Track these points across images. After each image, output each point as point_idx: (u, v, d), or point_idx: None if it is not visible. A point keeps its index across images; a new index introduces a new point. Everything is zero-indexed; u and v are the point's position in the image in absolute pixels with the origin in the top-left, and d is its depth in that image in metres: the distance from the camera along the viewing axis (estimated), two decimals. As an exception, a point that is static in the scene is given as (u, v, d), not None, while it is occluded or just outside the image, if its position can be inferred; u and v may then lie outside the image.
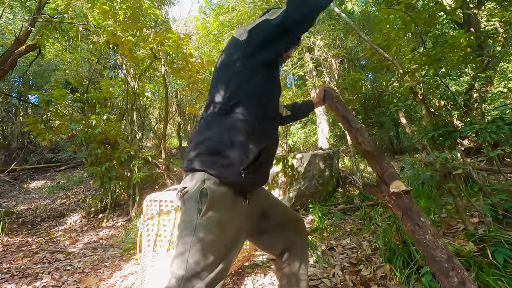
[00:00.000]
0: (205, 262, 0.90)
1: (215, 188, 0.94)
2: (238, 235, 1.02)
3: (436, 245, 0.89)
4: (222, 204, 0.95)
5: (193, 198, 0.93)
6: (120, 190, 4.67)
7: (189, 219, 0.93)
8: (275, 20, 1.01)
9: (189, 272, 0.88)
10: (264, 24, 1.04)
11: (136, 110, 5.96)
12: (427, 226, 0.93)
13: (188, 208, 0.94)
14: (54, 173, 8.31)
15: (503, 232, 1.64)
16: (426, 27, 3.36)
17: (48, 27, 5.85)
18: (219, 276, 0.93)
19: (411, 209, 0.99)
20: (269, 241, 1.22)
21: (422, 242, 0.91)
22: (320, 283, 1.84)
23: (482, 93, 4.60)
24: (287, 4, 0.99)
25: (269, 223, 1.19)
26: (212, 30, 8.29)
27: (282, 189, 3.86)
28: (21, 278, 2.47)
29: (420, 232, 0.93)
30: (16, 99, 9.59)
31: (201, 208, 0.92)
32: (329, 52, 6.83)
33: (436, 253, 0.87)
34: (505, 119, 2.62)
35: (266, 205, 1.20)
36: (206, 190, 0.92)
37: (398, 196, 1.02)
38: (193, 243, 0.90)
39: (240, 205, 1.00)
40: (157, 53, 4.56)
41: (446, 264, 0.84)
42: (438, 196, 2.33)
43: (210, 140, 0.98)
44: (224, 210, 0.95)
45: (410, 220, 0.97)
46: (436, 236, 0.91)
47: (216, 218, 0.93)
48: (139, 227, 1.86)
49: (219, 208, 0.94)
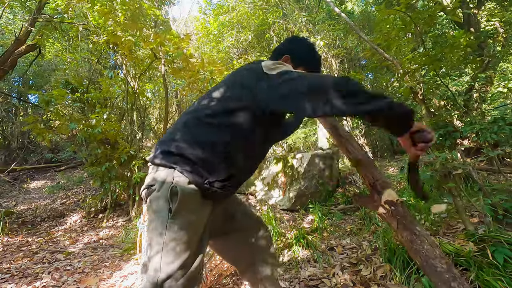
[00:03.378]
0: (179, 262, 0.87)
1: (185, 186, 0.90)
2: (207, 235, 1.00)
3: (435, 254, 0.86)
4: (192, 202, 0.91)
5: (163, 197, 0.89)
6: (120, 190, 4.67)
7: (159, 219, 0.89)
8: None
9: (164, 273, 0.85)
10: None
11: (136, 110, 5.96)
12: (424, 236, 0.91)
13: (157, 207, 0.90)
14: (54, 173, 8.31)
15: (503, 232, 1.64)
16: (426, 27, 3.36)
17: (48, 27, 5.85)
18: (194, 275, 0.91)
19: (406, 217, 0.95)
20: (233, 248, 1.18)
21: (421, 252, 0.88)
22: (320, 283, 1.84)
23: (482, 93, 4.60)
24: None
25: (233, 225, 1.16)
26: (212, 30, 8.29)
27: (282, 189, 3.86)
28: (21, 278, 2.47)
29: (417, 241, 0.90)
30: (16, 99, 9.59)
31: (171, 207, 0.88)
32: (329, 52, 6.83)
33: (436, 263, 0.84)
34: (506, 119, 2.62)
35: (233, 207, 1.17)
36: (176, 189, 0.88)
37: (392, 205, 0.98)
38: (165, 243, 0.87)
39: (208, 205, 0.97)
40: (157, 53, 4.56)
41: (447, 275, 0.81)
42: (438, 196, 2.33)
43: (188, 141, 0.94)
44: (194, 208, 0.92)
45: (407, 229, 0.94)
46: (434, 245, 0.89)
47: (186, 216, 0.90)
48: (139, 227, 1.86)
49: (189, 207, 0.91)
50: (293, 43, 1.17)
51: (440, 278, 0.82)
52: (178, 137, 0.96)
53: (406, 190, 3.17)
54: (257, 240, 1.19)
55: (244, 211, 1.22)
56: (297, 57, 1.12)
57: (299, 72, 0.93)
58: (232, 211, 1.16)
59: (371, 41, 3.94)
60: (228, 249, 1.21)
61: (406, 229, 0.94)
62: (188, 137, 0.95)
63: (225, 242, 1.18)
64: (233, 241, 1.17)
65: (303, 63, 1.11)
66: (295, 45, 1.16)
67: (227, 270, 1.96)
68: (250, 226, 1.20)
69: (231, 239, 1.17)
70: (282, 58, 1.13)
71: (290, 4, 7.35)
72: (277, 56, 1.15)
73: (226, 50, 8.55)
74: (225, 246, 1.21)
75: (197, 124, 0.97)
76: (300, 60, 1.12)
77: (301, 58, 1.12)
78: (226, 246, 1.20)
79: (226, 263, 1.94)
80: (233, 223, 1.16)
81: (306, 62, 1.12)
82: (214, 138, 0.93)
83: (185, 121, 1.00)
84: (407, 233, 0.94)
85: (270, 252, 1.22)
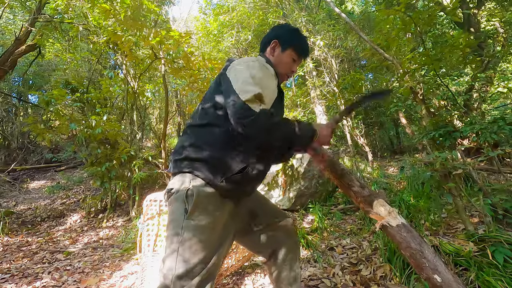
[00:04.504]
0: (194, 261, 0.90)
1: (201, 188, 0.95)
2: (226, 234, 1.02)
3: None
4: (208, 203, 0.95)
5: (180, 198, 0.94)
6: (120, 190, 4.67)
7: (176, 219, 0.94)
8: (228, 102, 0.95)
9: (179, 271, 0.89)
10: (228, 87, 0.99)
11: (136, 110, 5.96)
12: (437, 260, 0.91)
13: (175, 209, 0.95)
14: (54, 173, 8.31)
15: (503, 232, 1.64)
16: (426, 27, 3.36)
17: (48, 27, 5.85)
18: (209, 274, 0.93)
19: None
20: (258, 242, 1.21)
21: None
22: (320, 283, 1.84)
23: (482, 93, 4.60)
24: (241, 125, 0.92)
25: (257, 222, 1.19)
26: (212, 30, 8.29)
27: (282, 189, 3.86)
28: (21, 278, 2.47)
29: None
30: (16, 99, 9.59)
31: (187, 207, 0.92)
32: (329, 52, 6.83)
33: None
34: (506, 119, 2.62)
35: (255, 205, 1.20)
36: (192, 191, 0.93)
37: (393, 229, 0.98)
38: (181, 242, 0.90)
39: (227, 205, 1.01)
40: (158, 53, 4.56)
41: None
42: (438, 196, 2.33)
43: (200, 145, 0.99)
44: (210, 209, 0.95)
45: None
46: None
47: (202, 217, 0.93)
48: (139, 227, 1.86)
49: (205, 208, 0.94)
50: (278, 29, 1.24)
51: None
52: (187, 143, 1.02)
53: (406, 190, 3.17)
54: (280, 233, 1.23)
55: (267, 209, 1.25)
56: (283, 40, 1.17)
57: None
58: (255, 211, 1.19)
59: (371, 41, 3.94)
60: (253, 244, 1.25)
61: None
62: (194, 141, 1.01)
63: (251, 238, 1.22)
64: (258, 237, 1.21)
65: (290, 45, 1.17)
66: (280, 31, 1.22)
67: (227, 270, 1.96)
68: (274, 221, 1.23)
69: (257, 235, 1.20)
70: (271, 44, 1.18)
71: (290, 4, 7.35)
72: (265, 44, 1.22)
73: (226, 50, 8.55)
74: (251, 242, 1.25)
75: (198, 126, 1.04)
76: (286, 42, 1.17)
77: (287, 40, 1.18)
78: (252, 242, 1.24)
79: (226, 263, 1.94)
80: (258, 222, 1.19)
81: (293, 43, 1.18)
82: (215, 135, 0.99)
83: (188, 126, 1.09)
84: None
85: (292, 242, 1.26)
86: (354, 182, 1.13)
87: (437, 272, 0.86)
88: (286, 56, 1.17)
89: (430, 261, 0.88)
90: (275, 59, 1.17)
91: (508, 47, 4.66)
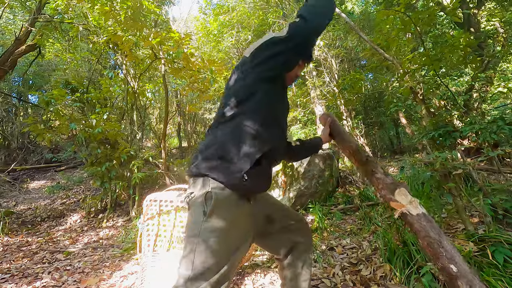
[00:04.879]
0: (210, 263, 0.92)
1: (220, 191, 0.97)
2: (244, 237, 1.05)
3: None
4: (226, 206, 0.97)
5: (199, 201, 0.97)
6: (120, 190, 4.67)
7: (195, 222, 0.96)
8: (282, 35, 1.05)
9: (195, 272, 0.91)
10: (270, 40, 1.08)
11: (136, 110, 5.96)
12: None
13: (194, 211, 0.98)
14: (54, 173, 8.31)
15: (503, 232, 1.64)
16: (425, 27, 3.36)
17: (48, 27, 5.85)
18: (224, 276, 0.95)
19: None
20: (274, 244, 1.26)
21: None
22: (320, 283, 1.84)
23: (482, 93, 4.60)
24: (301, 16, 1.06)
25: (274, 226, 1.22)
26: (212, 30, 8.29)
27: (282, 189, 3.86)
28: (21, 278, 2.47)
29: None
30: (16, 99, 9.59)
31: (206, 210, 0.95)
32: (329, 52, 6.83)
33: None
34: (505, 119, 2.62)
35: (270, 209, 1.23)
36: (210, 194, 0.96)
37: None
38: (198, 244, 0.93)
39: (244, 208, 1.03)
40: (158, 53, 4.56)
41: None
42: (438, 196, 2.33)
43: (214, 146, 1.02)
44: (229, 212, 0.98)
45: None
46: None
47: (220, 220, 0.96)
48: (139, 227, 1.86)
49: (223, 211, 0.96)
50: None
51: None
52: (203, 146, 1.07)
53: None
54: (296, 234, 1.28)
55: (283, 212, 1.29)
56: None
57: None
58: (271, 215, 1.23)
59: (371, 41, 3.94)
60: (271, 246, 1.30)
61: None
62: (209, 143, 1.05)
63: (269, 241, 1.27)
64: (276, 240, 1.26)
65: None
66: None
67: (227, 270, 1.96)
68: (290, 224, 1.28)
69: (274, 238, 1.25)
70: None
71: (290, 4, 7.34)
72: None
73: (226, 50, 8.55)
74: (269, 244, 1.30)
75: (215, 127, 1.09)
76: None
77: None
78: (270, 244, 1.29)
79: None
80: (274, 225, 1.23)
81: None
82: (228, 135, 1.02)
83: (208, 130, 1.14)
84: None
85: (308, 242, 1.31)
86: (378, 169, 1.16)
87: (454, 263, 0.88)
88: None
89: (448, 251, 0.90)
90: None
91: (508, 47, 4.66)
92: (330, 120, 1.38)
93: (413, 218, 0.99)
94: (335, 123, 1.38)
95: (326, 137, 1.41)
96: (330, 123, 1.38)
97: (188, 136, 10.60)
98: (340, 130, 1.36)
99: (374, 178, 1.17)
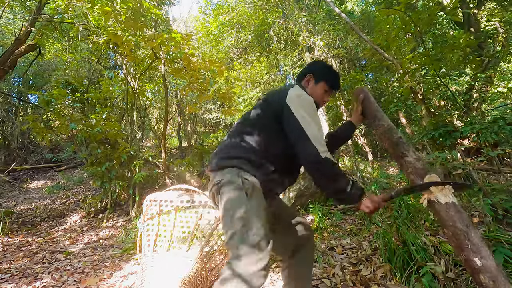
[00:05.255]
0: (263, 233, 1.02)
1: (254, 180, 1.11)
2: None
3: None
4: (258, 193, 1.11)
5: (236, 185, 1.08)
6: (120, 190, 4.67)
7: (239, 201, 1.05)
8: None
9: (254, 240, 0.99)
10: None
11: (136, 110, 5.96)
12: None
13: (233, 196, 1.07)
14: (54, 173, 8.31)
15: (503, 232, 1.64)
16: (425, 27, 3.36)
17: (48, 27, 5.85)
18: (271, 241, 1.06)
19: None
20: (280, 243, 1.32)
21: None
22: (320, 283, 1.84)
23: (482, 93, 4.60)
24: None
25: (279, 225, 1.30)
26: (212, 30, 8.29)
27: (282, 189, 3.86)
28: (21, 278, 2.47)
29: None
30: (16, 99, 9.58)
31: (247, 192, 1.06)
32: (329, 52, 6.83)
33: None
34: (505, 119, 2.62)
35: (278, 209, 1.33)
36: (247, 180, 1.09)
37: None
38: (250, 217, 1.02)
39: (264, 201, 1.14)
40: (158, 53, 4.56)
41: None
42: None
43: (246, 148, 1.17)
44: (261, 199, 1.11)
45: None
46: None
47: (259, 199, 1.09)
48: (139, 227, 1.86)
49: (258, 194, 1.10)
50: (312, 65, 1.45)
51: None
52: (235, 144, 1.20)
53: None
54: (299, 235, 1.35)
55: (288, 213, 1.40)
56: (317, 75, 1.36)
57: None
58: (279, 214, 1.33)
59: (371, 41, 3.94)
60: (277, 245, 1.35)
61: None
62: (242, 143, 1.19)
63: (275, 240, 1.32)
64: (281, 239, 1.32)
65: (322, 79, 1.35)
66: (314, 66, 1.42)
67: (227, 270, 1.96)
68: (293, 224, 1.36)
69: (279, 237, 1.30)
70: (306, 77, 1.37)
71: (290, 4, 7.34)
72: (301, 76, 1.40)
73: (226, 50, 8.55)
74: (275, 243, 1.35)
75: (248, 132, 1.22)
76: (319, 76, 1.35)
77: (320, 75, 1.36)
78: (276, 243, 1.35)
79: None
80: (280, 224, 1.32)
81: (324, 77, 1.36)
82: (261, 144, 1.18)
83: (236, 129, 1.27)
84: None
85: (310, 244, 1.39)
86: (409, 153, 1.12)
87: (479, 256, 0.86)
88: (319, 87, 1.35)
89: (474, 244, 0.88)
90: (310, 90, 1.35)
91: (508, 47, 4.65)
92: (363, 97, 1.37)
93: (441, 206, 0.96)
94: (368, 100, 1.34)
95: (358, 118, 1.42)
96: (362, 100, 1.37)
97: (188, 136, 10.60)
98: (372, 108, 1.32)
99: (403, 161, 1.13)
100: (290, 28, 7.02)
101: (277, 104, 1.21)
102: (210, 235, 1.77)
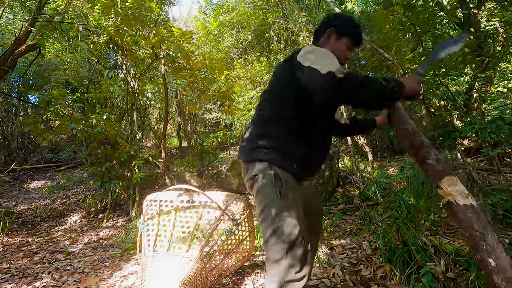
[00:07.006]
0: (298, 231, 1.03)
1: (284, 173, 1.09)
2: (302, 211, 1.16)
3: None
4: (291, 185, 1.10)
5: (269, 183, 1.07)
6: (120, 190, 4.66)
7: (272, 202, 1.05)
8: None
9: (289, 242, 1.01)
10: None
11: (136, 110, 5.96)
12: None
13: (267, 193, 1.07)
14: (54, 173, 8.30)
15: (503, 232, 1.64)
16: (424, 27, 3.36)
17: (48, 27, 5.85)
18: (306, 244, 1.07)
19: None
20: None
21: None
22: (320, 283, 1.84)
23: (482, 93, 4.60)
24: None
25: (306, 210, 1.28)
26: (212, 30, 8.29)
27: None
28: (21, 278, 2.47)
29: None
30: (16, 99, 9.57)
31: (280, 190, 1.05)
32: (329, 52, 6.81)
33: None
34: (505, 119, 2.62)
35: (308, 194, 1.32)
36: (278, 175, 1.07)
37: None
38: (282, 221, 1.02)
39: (298, 188, 1.16)
40: (158, 52, 4.56)
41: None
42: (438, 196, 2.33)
43: (271, 137, 1.12)
44: (294, 189, 1.10)
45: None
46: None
47: (292, 197, 1.08)
48: (139, 227, 1.86)
49: (291, 188, 1.09)
50: (335, 18, 1.30)
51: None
52: (259, 133, 1.17)
53: (406, 190, 3.17)
54: (315, 224, 1.38)
55: (315, 200, 1.42)
56: (340, 29, 1.24)
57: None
58: (309, 199, 1.31)
59: (371, 41, 3.94)
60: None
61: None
62: (265, 131, 1.15)
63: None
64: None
65: (346, 33, 1.24)
66: (337, 20, 1.28)
67: (227, 270, 1.96)
68: (315, 212, 1.38)
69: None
70: (327, 32, 1.25)
71: (290, 4, 7.34)
72: (320, 33, 1.28)
73: (226, 50, 8.54)
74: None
75: (267, 118, 1.18)
76: (343, 31, 1.24)
77: (344, 29, 1.24)
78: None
79: (226, 263, 1.94)
80: (307, 209, 1.27)
81: (349, 32, 1.25)
82: (283, 127, 1.13)
83: (258, 116, 1.22)
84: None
85: (319, 235, 1.45)
86: (431, 155, 1.12)
87: (494, 257, 0.87)
88: (342, 44, 1.23)
89: (490, 245, 0.89)
90: (331, 47, 1.21)
91: (508, 47, 4.65)
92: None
93: (459, 207, 0.97)
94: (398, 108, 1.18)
95: (383, 121, 1.35)
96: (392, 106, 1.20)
97: (188, 136, 10.59)
98: (400, 115, 1.20)
99: (425, 164, 1.13)
100: (290, 28, 7.02)
101: (288, 68, 1.13)
102: (210, 235, 1.77)
